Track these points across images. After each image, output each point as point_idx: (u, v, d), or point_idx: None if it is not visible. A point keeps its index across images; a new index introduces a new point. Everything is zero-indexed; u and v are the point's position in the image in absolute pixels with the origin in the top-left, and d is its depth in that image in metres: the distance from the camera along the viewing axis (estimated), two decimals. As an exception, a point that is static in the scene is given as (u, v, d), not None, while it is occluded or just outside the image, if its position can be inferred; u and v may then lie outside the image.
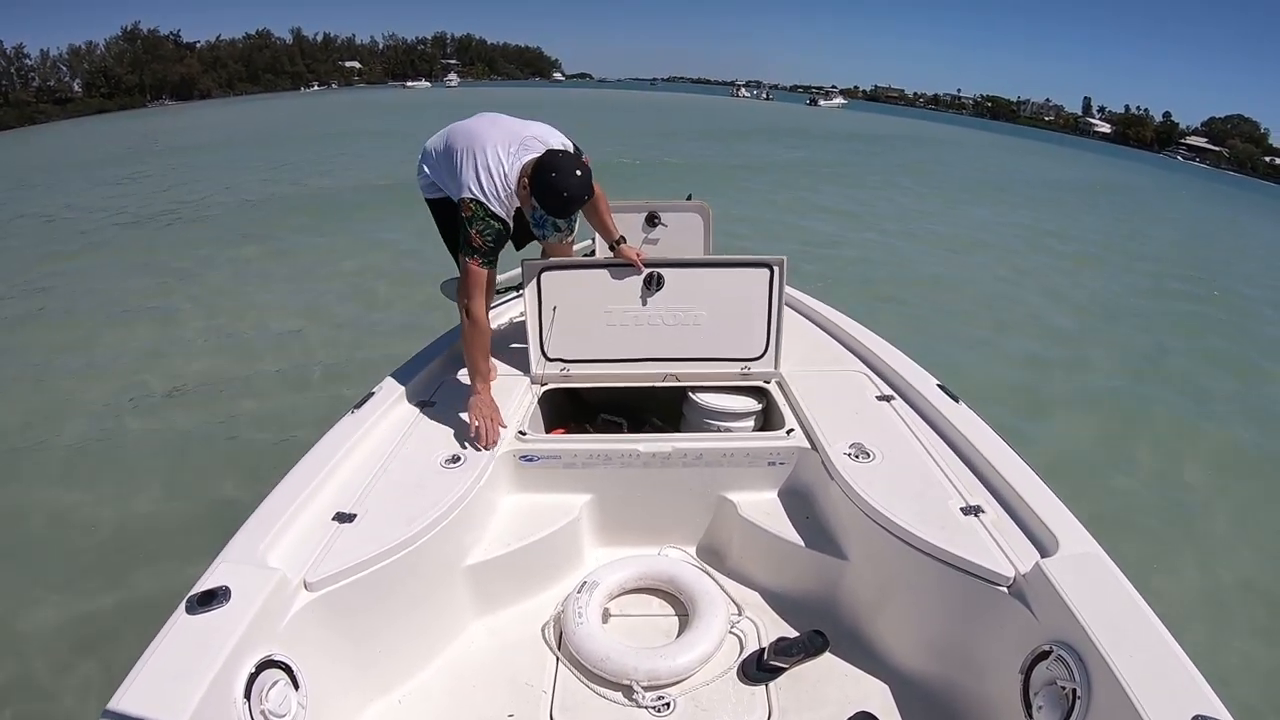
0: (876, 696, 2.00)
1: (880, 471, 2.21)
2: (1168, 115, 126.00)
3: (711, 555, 2.54)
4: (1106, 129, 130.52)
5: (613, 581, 2.28)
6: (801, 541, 2.31)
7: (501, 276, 2.92)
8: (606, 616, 2.23)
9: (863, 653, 2.12)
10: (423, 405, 2.62)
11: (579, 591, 2.19)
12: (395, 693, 1.99)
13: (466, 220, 2.34)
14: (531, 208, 2.43)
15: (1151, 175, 43.93)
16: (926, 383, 2.66)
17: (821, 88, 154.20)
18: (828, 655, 2.11)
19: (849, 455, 2.29)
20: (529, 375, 2.82)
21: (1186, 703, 1.34)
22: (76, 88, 79.04)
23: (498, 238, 2.39)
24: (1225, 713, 1.32)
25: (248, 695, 1.47)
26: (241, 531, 1.84)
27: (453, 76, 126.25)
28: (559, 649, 2.12)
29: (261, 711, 1.49)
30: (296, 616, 1.70)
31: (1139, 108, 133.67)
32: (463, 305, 2.41)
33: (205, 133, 32.96)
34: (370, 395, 2.57)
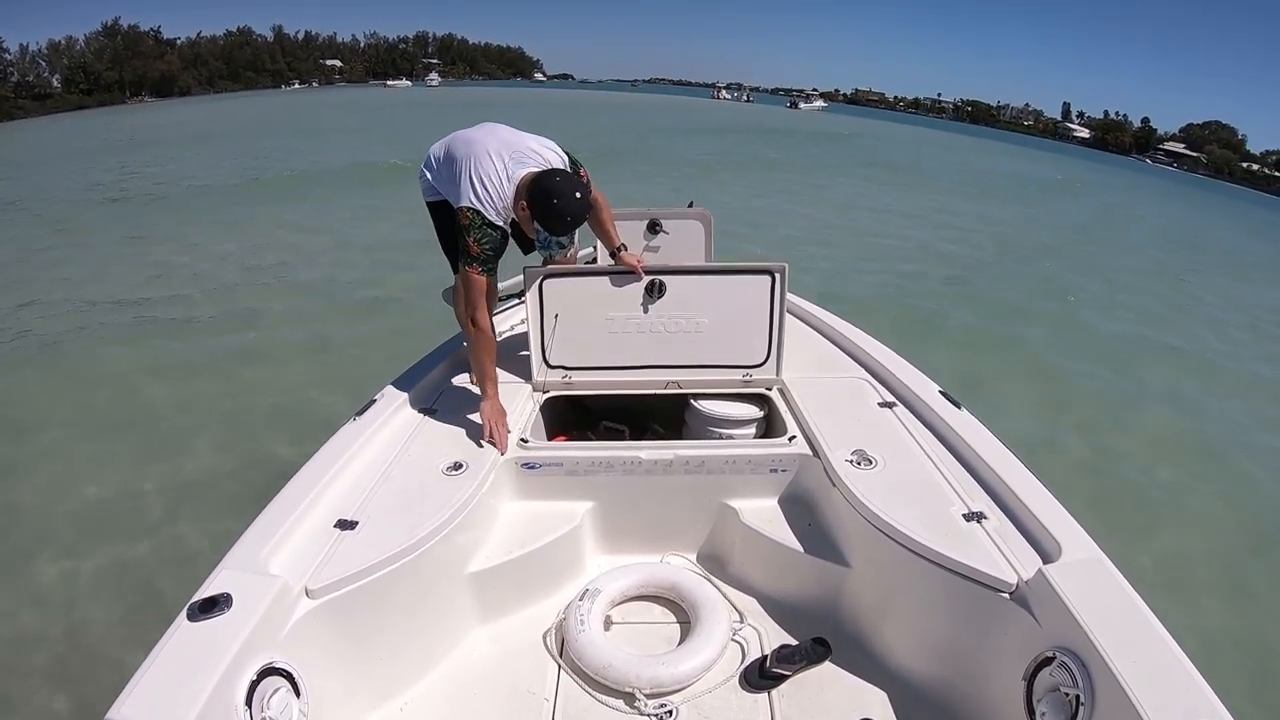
0: (879, 704, 2.00)
1: (882, 478, 2.21)
2: (1146, 121, 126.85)
3: (713, 562, 2.54)
4: (1085, 134, 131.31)
5: (615, 589, 2.28)
6: (803, 548, 2.31)
7: (504, 284, 2.92)
8: (608, 624, 2.22)
9: (865, 660, 2.12)
10: (424, 412, 2.62)
11: (581, 599, 2.19)
12: (397, 700, 1.98)
13: (465, 229, 2.35)
14: (535, 230, 2.47)
15: (1105, 174, 46.52)
16: (928, 389, 2.66)
17: (802, 90, 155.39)
18: (830, 663, 2.10)
19: (851, 462, 2.29)
20: (531, 382, 2.82)
21: (1190, 709, 1.34)
22: (56, 84, 77.67)
23: (496, 246, 2.40)
24: (1229, 718, 1.32)
25: (249, 702, 1.47)
26: (243, 538, 1.83)
27: (434, 76, 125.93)
28: (561, 656, 2.12)
29: (263, 719, 1.49)
30: (298, 624, 1.70)
31: (1118, 113, 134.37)
32: (466, 313, 2.42)
33: (174, 130, 32.96)
34: (372, 402, 2.57)
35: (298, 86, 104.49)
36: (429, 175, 2.63)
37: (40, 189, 16.06)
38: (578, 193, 2.32)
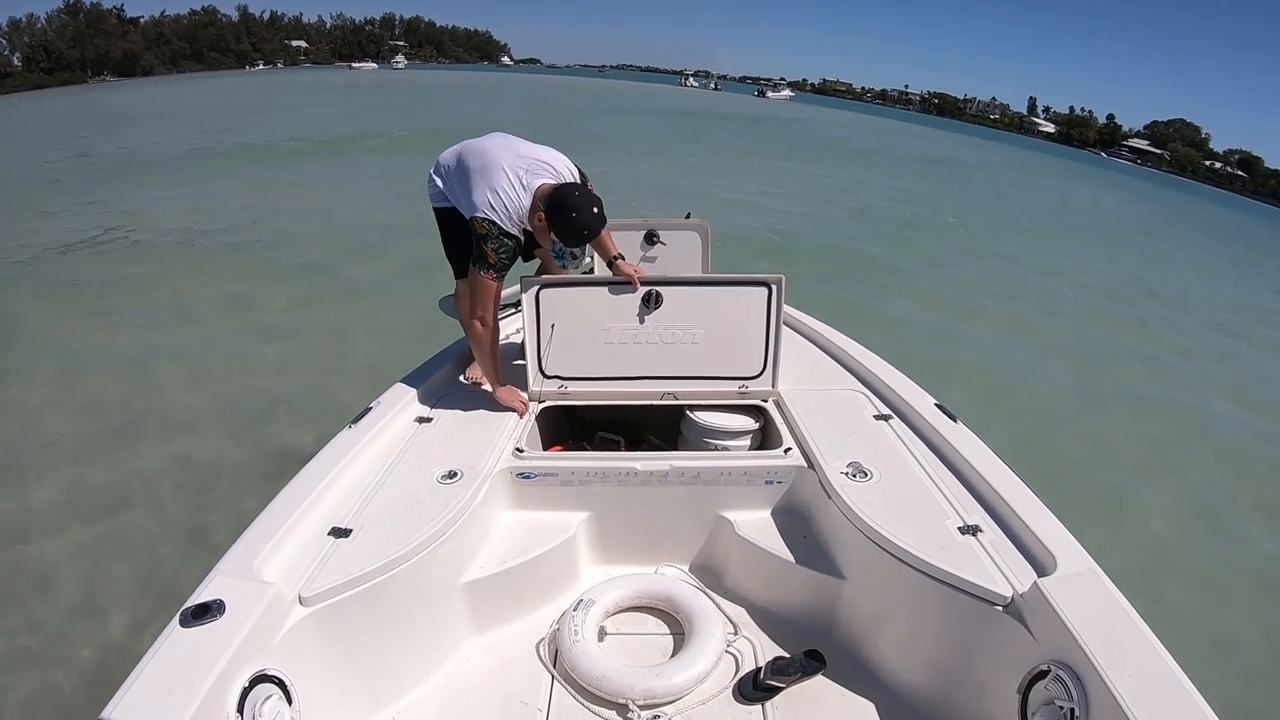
0: (873, 717, 2.00)
1: (878, 491, 2.22)
2: (1111, 117, 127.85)
3: (708, 574, 2.54)
4: (1050, 129, 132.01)
5: (609, 599, 2.27)
6: (798, 560, 2.31)
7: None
8: (602, 635, 2.21)
9: (860, 672, 2.12)
10: (420, 421, 2.61)
11: (575, 609, 2.18)
12: (389, 709, 1.97)
13: (481, 238, 2.41)
14: (551, 242, 2.55)
15: (1045, 161, 50.38)
16: (924, 402, 2.67)
17: (770, 80, 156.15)
18: (824, 675, 2.10)
19: (846, 474, 2.29)
20: (526, 392, 2.81)
21: None
22: (16, 62, 74.84)
23: (511, 254, 2.49)
24: None
25: (241, 709, 1.47)
26: (237, 545, 1.83)
27: (400, 58, 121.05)
28: (555, 667, 2.11)
29: None
30: (291, 631, 1.70)
31: (1084, 109, 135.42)
32: (475, 316, 2.51)
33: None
34: (368, 410, 2.55)
35: (262, 67, 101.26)
36: (439, 182, 2.65)
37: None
38: (595, 208, 2.40)
